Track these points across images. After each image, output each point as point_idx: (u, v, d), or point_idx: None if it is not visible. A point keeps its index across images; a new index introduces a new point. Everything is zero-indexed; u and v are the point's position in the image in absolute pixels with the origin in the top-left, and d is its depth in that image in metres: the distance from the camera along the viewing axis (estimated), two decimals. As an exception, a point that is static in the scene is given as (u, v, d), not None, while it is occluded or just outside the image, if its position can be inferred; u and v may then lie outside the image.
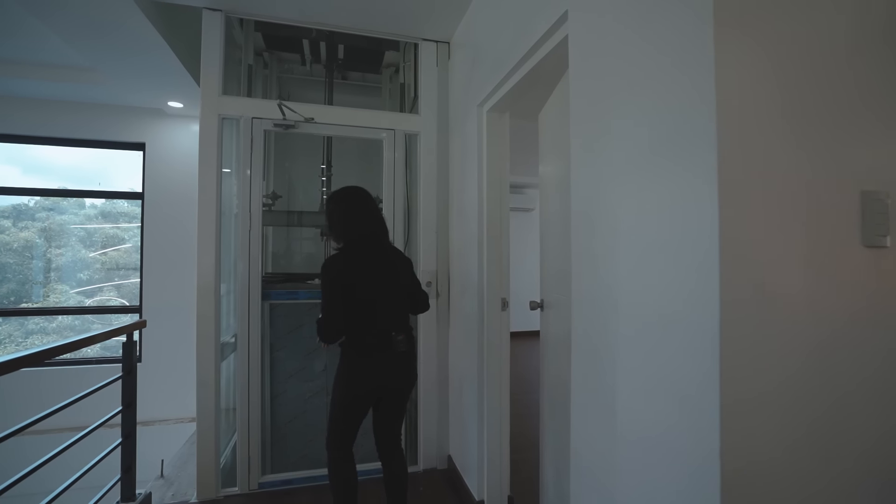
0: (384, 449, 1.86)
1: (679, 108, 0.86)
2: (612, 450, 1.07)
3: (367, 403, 1.77)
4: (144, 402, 3.10)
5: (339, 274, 1.65)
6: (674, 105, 0.88)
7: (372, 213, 1.78)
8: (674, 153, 0.87)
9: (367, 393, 1.72)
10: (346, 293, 1.64)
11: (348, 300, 1.65)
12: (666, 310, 0.89)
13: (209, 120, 2.30)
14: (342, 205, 1.75)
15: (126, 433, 1.97)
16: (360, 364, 1.69)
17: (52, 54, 3.00)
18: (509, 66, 1.76)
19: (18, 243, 3.99)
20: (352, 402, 1.71)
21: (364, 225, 1.74)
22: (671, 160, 0.88)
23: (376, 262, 1.73)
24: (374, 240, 1.76)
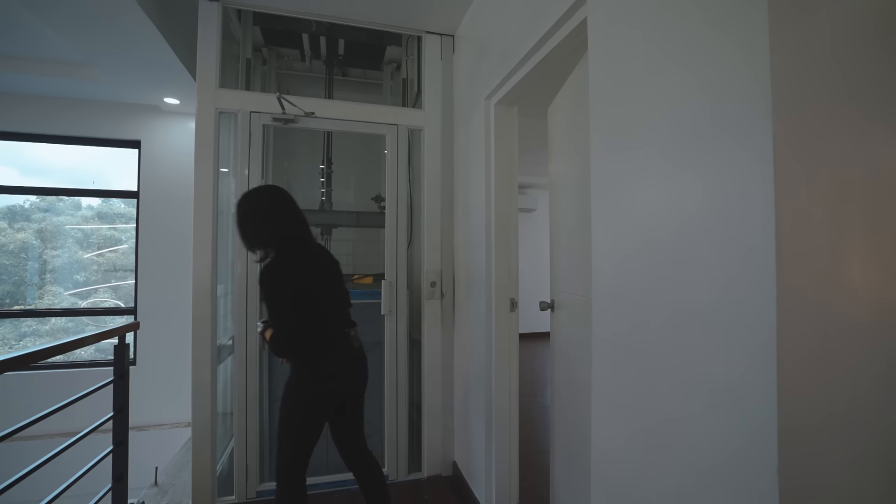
0: (357, 457, 1.75)
1: (724, 88, 0.78)
2: (644, 458, 0.99)
3: (330, 412, 1.64)
4: (139, 406, 3.01)
5: (291, 279, 1.52)
6: (717, 85, 0.80)
7: (298, 211, 1.67)
8: (718, 138, 0.80)
9: (333, 398, 1.61)
10: (299, 298, 1.52)
11: (303, 305, 1.53)
12: (711, 306, 0.81)
13: (205, 114, 2.22)
14: (266, 206, 1.60)
15: (118, 440, 1.88)
16: (326, 366, 1.58)
17: (47, 49, 2.92)
18: (520, 55, 1.69)
19: (14, 244, 3.92)
20: (316, 414, 1.57)
21: (295, 225, 1.63)
22: (715, 146, 0.80)
23: (318, 262, 1.64)
24: (309, 239, 1.67)
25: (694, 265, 0.84)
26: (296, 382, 1.57)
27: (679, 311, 0.88)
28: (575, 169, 1.67)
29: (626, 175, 1.07)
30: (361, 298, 2.54)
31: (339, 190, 3.17)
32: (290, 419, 1.56)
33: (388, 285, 2.49)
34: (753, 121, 0.72)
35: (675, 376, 0.89)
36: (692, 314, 0.84)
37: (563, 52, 1.55)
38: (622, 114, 1.09)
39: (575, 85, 1.67)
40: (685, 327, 0.86)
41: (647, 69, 0.99)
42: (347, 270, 3.10)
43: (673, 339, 0.89)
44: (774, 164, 0.68)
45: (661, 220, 0.94)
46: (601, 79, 1.18)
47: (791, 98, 0.69)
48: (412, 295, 2.64)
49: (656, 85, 0.96)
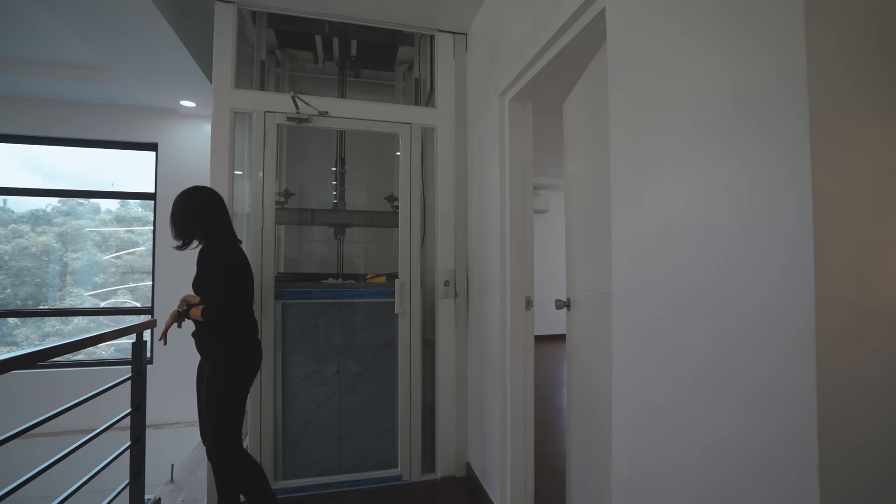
0: None
1: (755, 73, 0.75)
2: (672, 457, 0.96)
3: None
4: (156, 404, 3.04)
5: (236, 263, 1.80)
6: (747, 70, 0.77)
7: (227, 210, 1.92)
8: (748, 126, 0.77)
9: (256, 371, 1.85)
10: (240, 281, 1.79)
11: (242, 287, 1.80)
12: (742, 299, 0.78)
13: (221, 114, 2.24)
14: (203, 200, 1.85)
15: (135, 436, 1.90)
16: (256, 343, 1.86)
17: (67, 53, 2.98)
18: (535, 49, 1.67)
19: (36, 247, 4.01)
20: (247, 387, 1.80)
21: (227, 220, 1.89)
22: (745, 134, 0.77)
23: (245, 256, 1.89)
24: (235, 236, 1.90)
25: (724, 258, 0.81)
26: (225, 364, 1.75)
27: (708, 305, 0.85)
28: (592, 164, 1.64)
29: (648, 167, 1.04)
30: (374, 298, 2.53)
31: (352, 190, 3.18)
32: (231, 398, 1.74)
33: (402, 285, 2.48)
34: (788, 108, 0.69)
35: (704, 372, 0.85)
36: (723, 308, 0.81)
37: (579, 44, 1.53)
38: (643, 104, 1.06)
39: (592, 78, 1.64)
40: (715, 322, 0.83)
41: (670, 56, 0.96)
42: (360, 270, 3.10)
43: (702, 334, 0.86)
44: (811, 152, 0.65)
45: (686, 213, 0.91)
46: (620, 69, 1.15)
47: (829, 84, 0.66)
48: (425, 294, 2.63)
49: (680, 73, 0.93)
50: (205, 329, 1.77)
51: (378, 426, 2.55)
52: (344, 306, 2.52)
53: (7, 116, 3.53)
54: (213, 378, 1.73)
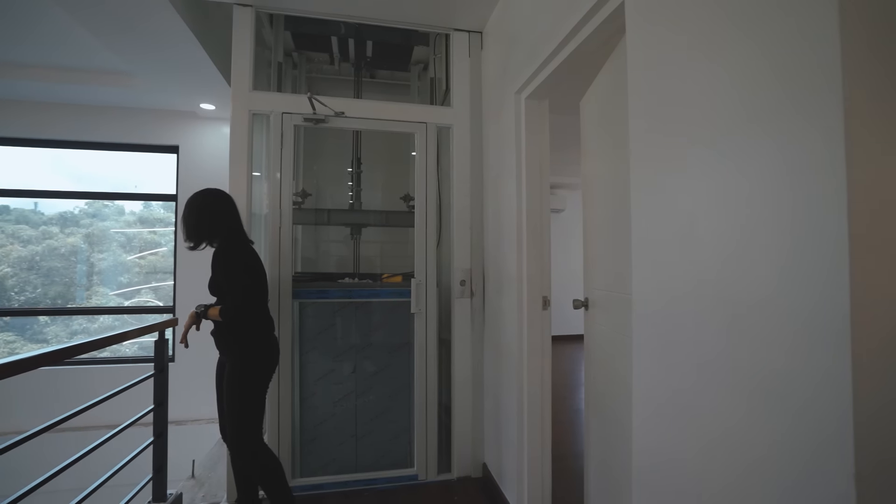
0: None
1: (784, 66, 0.73)
2: (697, 462, 0.93)
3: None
4: (177, 401, 3.10)
5: (251, 263, 1.83)
6: (776, 63, 0.74)
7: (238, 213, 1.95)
8: (777, 119, 0.74)
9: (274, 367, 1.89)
10: (257, 281, 1.83)
11: (258, 287, 1.84)
12: (772, 299, 0.75)
13: (239, 115, 2.27)
14: (225, 204, 1.90)
15: (157, 432, 1.94)
16: (273, 340, 1.88)
17: (93, 60, 3.07)
18: (552, 45, 1.65)
19: (65, 248, 4.14)
20: (266, 382, 1.83)
21: (239, 223, 1.92)
22: (773, 128, 0.75)
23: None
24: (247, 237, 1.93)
25: (751, 256, 0.79)
26: (244, 362, 1.77)
27: (734, 305, 0.82)
28: (610, 162, 1.61)
29: (670, 165, 1.01)
30: (390, 297, 2.54)
31: (368, 190, 3.19)
32: (251, 395, 1.77)
33: (418, 284, 2.48)
34: (822, 100, 0.66)
35: (730, 374, 0.83)
36: (750, 308, 0.78)
37: (598, 40, 1.50)
38: (664, 99, 1.03)
39: (610, 74, 1.61)
40: (742, 322, 0.80)
41: (692, 49, 0.94)
42: (377, 270, 3.11)
43: (728, 335, 0.83)
44: (846, 146, 0.62)
45: (710, 209, 0.89)
46: (640, 63, 1.13)
47: (864, 73, 0.63)
48: (441, 294, 2.62)
49: (703, 66, 0.91)
50: (223, 328, 1.80)
51: (394, 426, 2.55)
52: (360, 306, 2.53)
53: (38, 121, 3.65)
54: (233, 376, 1.76)
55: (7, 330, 4.02)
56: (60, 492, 1.64)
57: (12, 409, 3.46)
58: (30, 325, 4.08)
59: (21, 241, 4.09)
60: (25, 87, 3.33)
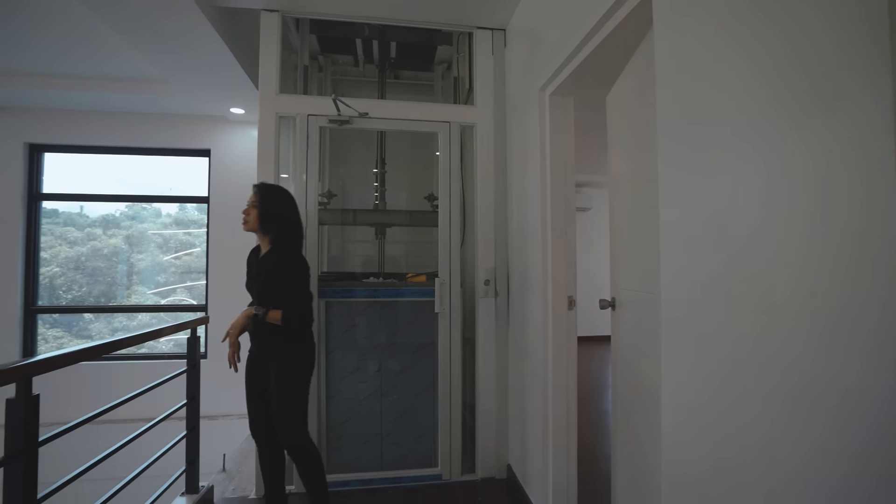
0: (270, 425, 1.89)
1: (824, 51, 0.69)
2: (730, 472, 0.89)
3: None
4: (209, 396, 3.20)
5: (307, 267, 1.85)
6: (816, 46, 0.70)
7: None
8: (820, 107, 0.70)
9: None
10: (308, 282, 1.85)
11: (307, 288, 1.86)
12: (815, 302, 0.71)
13: (267, 119, 2.33)
14: (292, 202, 1.89)
15: (191, 426, 2.01)
16: (314, 339, 1.91)
17: (129, 69, 3.21)
18: (577, 40, 1.62)
19: (108, 249, 4.34)
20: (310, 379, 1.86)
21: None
22: (818, 117, 0.71)
23: None
24: None
25: (792, 256, 0.74)
26: (295, 362, 1.79)
27: (772, 306, 0.78)
28: (638, 159, 1.57)
29: (701, 159, 0.97)
30: (414, 297, 2.55)
31: (392, 190, 3.22)
32: (303, 393, 1.80)
33: (442, 284, 2.48)
34: (874, 83, 0.62)
35: (767, 378, 0.79)
36: (791, 310, 0.74)
37: (624, 32, 1.46)
38: (694, 92, 0.99)
39: (637, 68, 1.57)
40: (780, 325, 0.76)
41: (724, 37, 0.90)
42: (401, 269, 3.13)
43: (765, 338, 0.79)
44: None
45: (745, 205, 0.84)
46: (668, 54, 1.09)
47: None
48: (465, 293, 2.61)
49: (737, 54, 0.86)
50: (270, 330, 1.78)
51: (418, 425, 2.56)
52: (385, 305, 2.54)
53: (82, 129, 3.85)
54: (285, 375, 1.77)
55: (56, 326, 4.24)
56: (100, 480, 1.72)
57: (59, 400, 3.65)
58: (76, 322, 4.30)
59: (68, 242, 4.30)
60: (71, 97, 3.52)
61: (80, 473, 1.35)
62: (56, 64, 3.17)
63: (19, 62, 3.11)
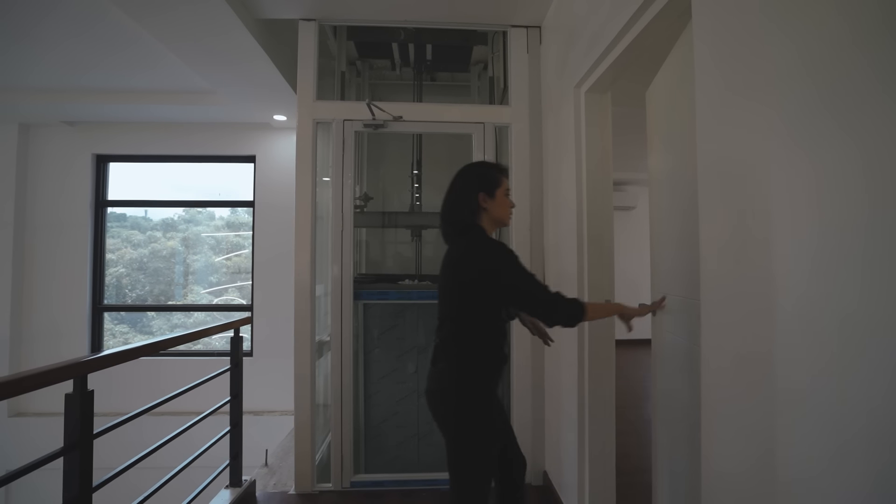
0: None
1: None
2: (773, 491, 0.82)
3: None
4: (254, 393, 3.35)
5: None
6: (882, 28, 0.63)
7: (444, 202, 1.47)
8: (880, 95, 0.62)
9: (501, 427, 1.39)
10: None
11: None
12: (875, 312, 0.64)
13: (305, 124, 2.40)
14: None
15: (234, 422, 2.10)
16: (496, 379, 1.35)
17: (181, 82, 3.41)
18: (612, 34, 1.55)
19: (166, 251, 4.65)
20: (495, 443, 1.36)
21: None
22: (882, 111, 0.63)
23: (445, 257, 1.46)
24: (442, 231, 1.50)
25: (855, 263, 0.67)
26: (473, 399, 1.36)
27: (824, 318, 0.70)
28: (679, 156, 1.48)
29: (745, 157, 0.90)
30: (448, 299, 2.53)
31: (429, 192, 3.23)
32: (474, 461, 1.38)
33: (475, 286, 2.45)
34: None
35: (820, 398, 0.71)
36: (844, 321, 0.67)
37: (662, 25, 1.38)
38: (737, 84, 0.92)
39: (678, 60, 1.48)
40: (835, 338, 0.69)
41: (769, 26, 0.82)
42: (437, 271, 3.13)
43: (817, 352, 0.72)
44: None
45: (793, 205, 0.77)
46: (708, 45, 1.02)
47: None
48: (500, 296, 2.57)
49: (784, 42, 0.79)
50: None
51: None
52: (423, 307, 2.55)
53: (141, 140, 4.15)
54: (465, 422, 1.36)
55: (123, 322, 4.59)
56: (152, 468, 1.83)
57: (116, 392, 3.93)
58: (139, 319, 4.63)
59: (132, 244, 4.65)
60: (131, 110, 3.79)
61: (132, 464, 1.44)
62: (118, 80, 3.41)
63: (87, 80, 3.38)
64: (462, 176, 1.45)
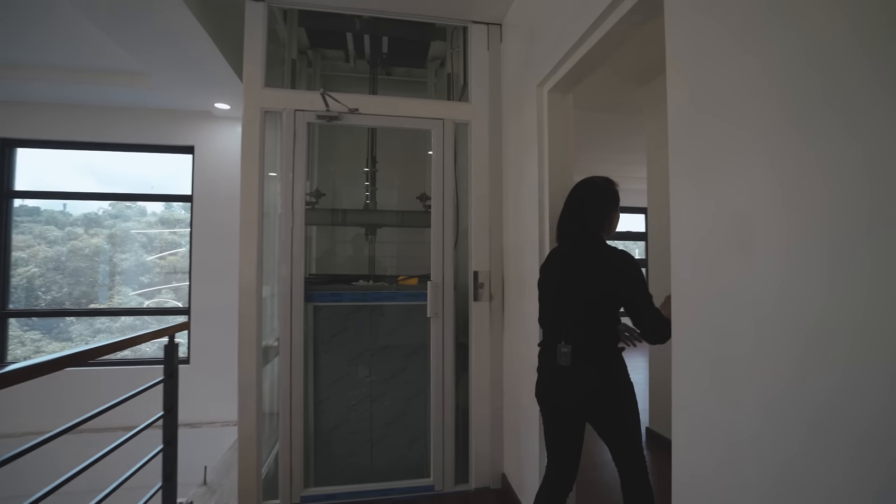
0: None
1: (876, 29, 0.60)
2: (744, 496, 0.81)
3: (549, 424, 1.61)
4: (192, 403, 3.09)
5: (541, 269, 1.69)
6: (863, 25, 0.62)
7: (579, 213, 1.58)
8: (867, 93, 0.62)
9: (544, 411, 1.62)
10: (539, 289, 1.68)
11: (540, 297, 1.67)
12: (849, 317, 0.63)
13: (251, 113, 2.21)
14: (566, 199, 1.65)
15: (167, 439, 1.89)
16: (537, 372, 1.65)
17: (110, 61, 3.07)
18: (578, 33, 1.53)
19: (89, 249, 4.19)
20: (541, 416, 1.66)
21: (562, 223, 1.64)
22: (866, 106, 0.63)
23: (563, 263, 1.58)
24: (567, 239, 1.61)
25: (832, 263, 0.66)
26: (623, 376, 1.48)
27: (802, 324, 0.70)
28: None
29: (718, 156, 0.89)
30: (406, 301, 2.45)
31: (384, 189, 3.12)
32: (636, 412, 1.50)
33: (434, 287, 2.39)
34: None
35: (797, 407, 0.70)
36: (821, 325, 0.66)
37: (627, 27, 1.38)
38: (711, 85, 0.91)
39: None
40: (812, 344, 0.68)
41: (746, 26, 0.82)
42: (393, 271, 3.03)
43: (794, 358, 0.71)
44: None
45: (769, 208, 0.76)
46: (681, 44, 1.01)
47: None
48: (459, 297, 2.52)
49: (762, 40, 0.78)
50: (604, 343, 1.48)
51: (410, 430, 2.48)
52: (376, 308, 2.45)
53: (58, 123, 3.68)
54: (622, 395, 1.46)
55: (35, 329, 4.09)
56: (74, 493, 1.60)
57: (35, 407, 3.49)
58: (55, 324, 4.15)
59: (47, 241, 4.16)
60: (44, 88, 3.36)
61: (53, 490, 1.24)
62: (28, 54, 3.01)
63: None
64: (599, 189, 1.59)
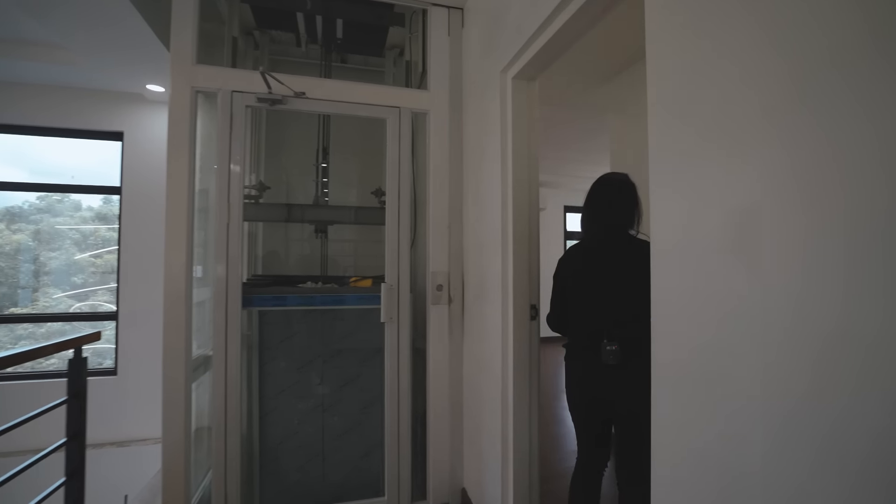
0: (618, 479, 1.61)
1: None
2: None
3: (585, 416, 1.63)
4: (120, 420, 2.76)
5: (559, 267, 1.69)
6: None
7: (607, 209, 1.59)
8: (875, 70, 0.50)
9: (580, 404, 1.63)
10: (563, 287, 1.67)
11: (567, 295, 1.66)
12: (851, 328, 0.51)
13: (180, 92, 1.94)
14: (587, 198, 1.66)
15: (71, 471, 1.60)
16: (568, 367, 1.68)
17: (22, 30, 2.68)
18: (543, 15, 1.40)
19: (10, 246, 3.81)
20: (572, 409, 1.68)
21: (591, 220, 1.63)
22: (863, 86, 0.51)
23: (594, 260, 1.59)
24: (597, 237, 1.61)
25: (834, 267, 0.54)
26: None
27: (792, 333, 0.58)
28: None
29: (702, 149, 0.77)
30: (358, 304, 2.26)
31: (337, 184, 2.90)
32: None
33: (389, 289, 2.20)
34: None
35: (817, 439, 0.58)
36: (824, 338, 0.54)
37: (594, 10, 1.27)
38: (698, 67, 0.79)
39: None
40: (807, 357, 0.56)
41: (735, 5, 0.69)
42: (347, 272, 2.82)
43: (786, 375, 0.59)
44: None
45: (762, 208, 0.65)
46: (661, 28, 0.89)
47: None
48: (416, 300, 2.35)
49: (750, 21, 0.66)
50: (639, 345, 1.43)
51: (366, 441, 2.32)
52: (325, 312, 2.25)
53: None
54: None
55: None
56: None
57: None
58: (-33, 328, 3.71)
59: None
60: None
61: None
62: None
63: None
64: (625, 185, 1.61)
